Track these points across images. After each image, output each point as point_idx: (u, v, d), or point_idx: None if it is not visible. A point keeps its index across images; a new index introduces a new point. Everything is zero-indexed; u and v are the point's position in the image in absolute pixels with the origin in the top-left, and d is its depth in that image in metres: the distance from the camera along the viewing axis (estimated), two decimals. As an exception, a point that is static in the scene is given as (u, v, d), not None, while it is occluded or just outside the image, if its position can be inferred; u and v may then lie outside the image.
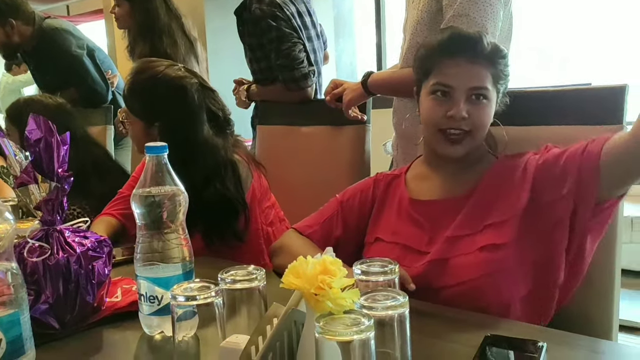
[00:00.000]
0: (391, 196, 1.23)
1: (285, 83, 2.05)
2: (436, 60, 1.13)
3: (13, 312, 0.74)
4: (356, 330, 0.60)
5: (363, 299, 0.68)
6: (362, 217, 1.24)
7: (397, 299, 0.67)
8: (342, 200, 1.28)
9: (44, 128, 0.93)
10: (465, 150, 1.11)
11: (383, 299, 0.68)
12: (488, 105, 1.11)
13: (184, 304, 0.73)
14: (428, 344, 0.82)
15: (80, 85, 2.54)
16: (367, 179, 1.31)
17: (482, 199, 1.10)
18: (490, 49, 1.10)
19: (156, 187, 0.90)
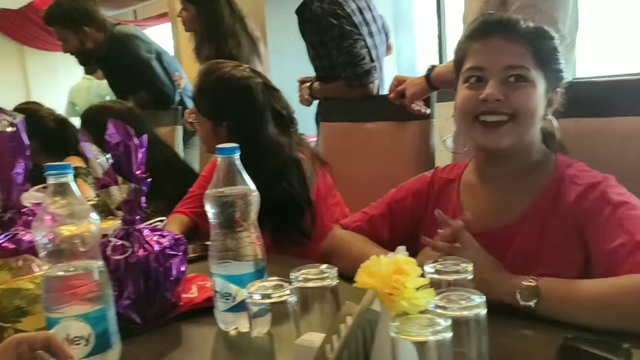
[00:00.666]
0: (444, 207, 1.12)
1: (348, 80, 2.05)
2: (469, 45, 1.04)
3: (100, 308, 0.78)
4: (432, 331, 0.59)
5: (438, 298, 0.67)
6: (413, 222, 1.17)
7: (473, 299, 0.67)
8: (391, 202, 1.22)
9: (122, 132, 0.97)
10: (509, 140, 0.99)
11: (458, 299, 0.67)
12: (530, 88, 0.99)
13: (259, 302, 0.75)
14: (502, 344, 0.80)
15: (149, 88, 2.64)
16: (421, 178, 1.22)
17: (532, 232, 1.00)
18: (531, 27, 1.00)
19: (228, 187, 0.93)
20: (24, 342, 0.64)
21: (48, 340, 0.64)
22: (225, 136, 1.49)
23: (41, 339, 0.65)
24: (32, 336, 0.65)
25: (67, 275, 0.78)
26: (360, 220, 1.23)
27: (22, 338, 0.65)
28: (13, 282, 0.87)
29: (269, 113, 1.51)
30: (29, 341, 0.64)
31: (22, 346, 0.64)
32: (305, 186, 1.51)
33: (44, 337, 0.65)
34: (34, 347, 0.64)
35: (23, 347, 0.64)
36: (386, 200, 1.23)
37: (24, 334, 0.67)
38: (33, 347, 0.64)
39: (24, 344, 0.64)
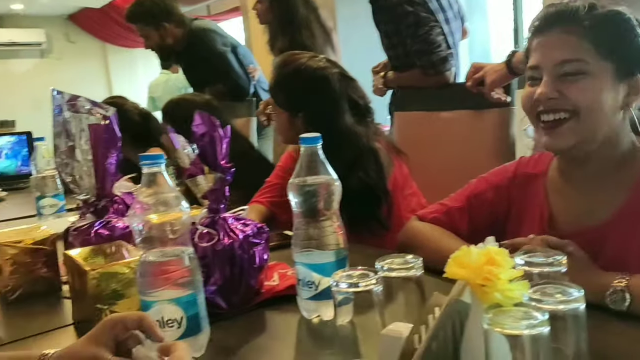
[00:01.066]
0: (530, 204, 1.09)
1: (423, 68, 2.01)
2: (531, 41, 0.99)
3: (191, 293, 0.81)
4: (528, 325, 0.58)
5: (532, 291, 0.65)
6: (494, 218, 1.13)
7: (571, 293, 0.64)
8: (470, 195, 1.17)
9: (208, 123, 1.00)
10: (570, 140, 0.94)
11: (554, 292, 0.65)
12: (589, 80, 0.92)
13: (344, 290, 0.75)
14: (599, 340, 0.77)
15: (225, 81, 2.70)
16: (503, 171, 1.17)
17: (627, 231, 0.94)
18: (594, 14, 0.92)
19: (311, 177, 0.94)
20: (118, 322, 0.67)
21: (140, 321, 0.67)
22: (301, 127, 1.50)
23: (134, 319, 0.67)
24: (126, 316, 0.68)
25: (161, 260, 0.81)
26: (438, 211, 1.21)
27: (117, 318, 0.68)
28: (110, 267, 0.92)
29: (345, 103, 1.51)
30: (123, 321, 0.67)
31: (117, 326, 0.67)
32: (382, 176, 1.50)
33: (137, 317, 0.67)
34: (128, 327, 0.67)
35: (118, 327, 0.67)
36: (465, 192, 1.19)
37: (118, 314, 0.70)
38: (127, 327, 0.67)
39: (119, 324, 0.67)
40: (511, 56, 1.56)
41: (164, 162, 0.82)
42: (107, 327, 0.67)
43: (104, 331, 0.67)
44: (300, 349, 0.89)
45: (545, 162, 1.11)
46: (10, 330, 0.99)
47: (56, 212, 1.87)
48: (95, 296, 0.90)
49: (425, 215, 1.21)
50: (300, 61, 1.53)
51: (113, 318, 0.68)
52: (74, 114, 1.16)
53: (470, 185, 1.20)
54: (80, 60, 7.72)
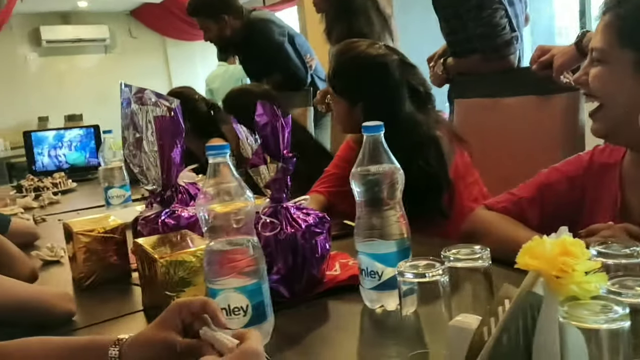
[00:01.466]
0: (604, 195, 1.04)
1: (485, 53, 1.95)
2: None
3: (256, 282, 0.82)
4: (606, 319, 0.55)
5: (610, 283, 0.62)
6: (566, 210, 1.08)
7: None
8: (542, 185, 1.13)
9: (270, 113, 1.00)
10: (600, 126, 0.96)
11: (634, 285, 0.62)
12: (603, 68, 0.92)
13: (410, 281, 0.74)
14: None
15: (283, 71, 2.72)
16: (577, 160, 1.13)
17: None
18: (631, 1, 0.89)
19: (374, 166, 0.93)
20: (184, 306, 0.69)
21: (204, 306, 0.68)
22: (360, 115, 1.49)
23: (199, 304, 0.69)
24: (191, 301, 0.70)
25: (226, 249, 0.82)
26: (507, 201, 1.17)
27: (182, 303, 0.70)
28: (177, 255, 0.94)
29: (405, 90, 1.48)
30: (188, 306, 0.69)
31: (183, 311, 0.69)
32: (443, 164, 1.47)
33: (201, 302, 0.69)
34: (192, 311, 0.68)
35: (184, 311, 0.69)
36: (536, 182, 1.15)
37: (183, 299, 0.72)
38: (191, 311, 0.69)
39: (184, 308, 0.69)
40: (581, 37, 1.49)
41: (228, 152, 0.83)
42: (174, 312, 0.69)
43: (172, 315, 0.69)
44: (364, 339, 0.88)
45: (621, 151, 1.06)
46: (85, 315, 1.03)
47: (123, 202, 1.94)
48: (164, 283, 0.93)
49: (493, 205, 1.18)
50: (359, 49, 1.52)
51: (179, 303, 0.70)
52: (141, 106, 1.20)
53: (542, 175, 1.15)
54: (141, 55, 7.97)
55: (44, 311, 0.96)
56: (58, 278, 1.29)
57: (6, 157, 6.22)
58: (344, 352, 0.83)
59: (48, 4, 6.77)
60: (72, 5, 7.12)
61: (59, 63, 7.57)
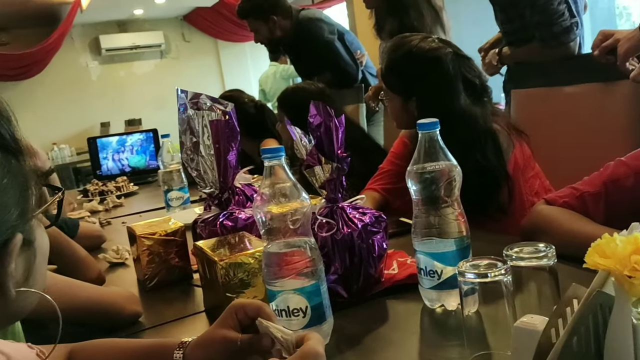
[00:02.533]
0: None
1: (544, 40, 1.88)
2: None
3: (314, 283, 0.82)
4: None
5: (688, 283, 0.58)
6: (634, 207, 1.01)
7: None
8: (607, 180, 1.07)
9: (323, 113, 1.00)
10: None
11: None
12: None
13: (471, 281, 0.73)
14: None
15: (334, 69, 2.71)
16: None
17: None
18: None
19: (430, 164, 0.91)
20: (240, 308, 0.71)
21: (259, 310, 0.70)
22: (415, 111, 1.47)
23: (254, 308, 0.70)
24: (247, 304, 0.71)
25: (284, 251, 0.83)
26: (569, 196, 1.12)
27: (238, 305, 0.71)
28: (236, 257, 0.96)
29: (460, 83, 1.45)
30: (244, 308, 0.70)
31: (239, 312, 0.70)
32: (501, 159, 1.43)
33: (257, 307, 0.70)
34: (248, 314, 0.70)
35: (240, 313, 0.70)
36: (602, 177, 1.09)
37: (240, 301, 0.73)
38: (247, 314, 0.70)
39: (240, 310, 0.70)
40: (647, 20, 1.42)
41: (284, 155, 0.84)
42: (231, 313, 0.71)
43: (230, 315, 0.71)
44: (425, 339, 0.87)
45: None
46: (151, 316, 1.07)
47: (182, 204, 1.99)
48: (224, 285, 0.94)
49: (555, 200, 1.13)
50: (411, 43, 1.49)
51: (234, 305, 0.72)
52: (197, 111, 1.22)
53: (607, 169, 1.09)
54: (195, 58, 8.16)
55: (113, 313, 1.00)
56: (124, 279, 1.34)
57: (72, 163, 6.51)
58: (405, 352, 0.82)
59: (106, 13, 7.04)
60: (129, 14, 7.37)
61: (118, 70, 7.86)
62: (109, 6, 6.57)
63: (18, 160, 0.52)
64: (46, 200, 0.56)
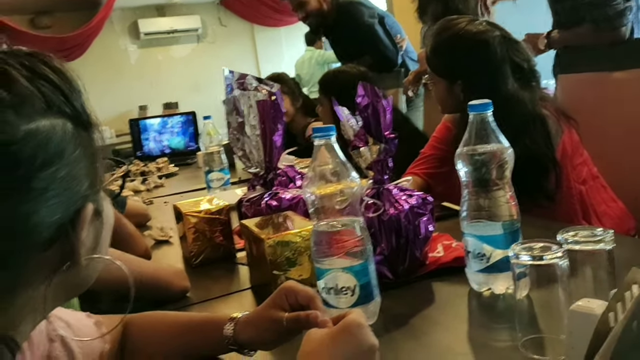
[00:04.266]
0: None
1: (595, 23, 1.83)
2: None
3: (363, 262, 0.83)
4: None
5: None
6: None
7: None
8: None
9: (371, 94, 1.00)
10: None
11: None
12: None
13: (526, 264, 0.72)
14: None
15: (373, 52, 2.69)
16: None
17: None
18: None
19: (481, 145, 0.90)
20: (292, 293, 0.71)
21: (310, 300, 0.70)
22: (460, 95, 1.45)
23: (306, 297, 0.70)
24: (300, 290, 0.71)
25: (333, 230, 0.83)
26: None
27: (291, 289, 0.71)
28: (283, 236, 0.96)
29: (507, 67, 1.42)
30: (296, 294, 0.71)
31: (291, 296, 0.71)
32: (550, 144, 1.40)
33: (309, 296, 0.70)
34: (299, 300, 0.70)
35: (292, 297, 0.71)
36: None
37: (294, 285, 0.72)
38: (297, 300, 0.70)
39: (292, 295, 0.71)
40: None
41: (334, 134, 0.84)
42: (282, 295, 0.71)
43: (280, 296, 0.71)
44: (473, 321, 0.86)
45: None
46: (198, 291, 1.09)
47: (222, 185, 2.01)
48: (272, 263, 0.95)
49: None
50: (459, 26, 1.47)
51: (287, 288, 0.72)
52: (243, 91, 1.23)
53: None
54: (231, 42, 8.19)
55: (163, 287, 1.02)
56: (169, 256, 1.36)
57: (112, 144, 6.64)
58: (454, 334, 0.82)
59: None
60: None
61: (156, 54, 7.95)
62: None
63: (88, 132, 0.53)
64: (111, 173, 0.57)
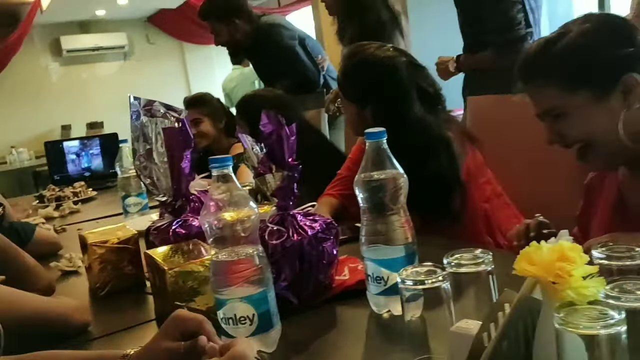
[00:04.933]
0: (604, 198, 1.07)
1: (499, 47, 1.94)
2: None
3: (262, 290, 0.84)
4: (603, 324, 0.55)
5: (609, 287, 0.62)
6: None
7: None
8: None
9: (274, 122, 1.01)
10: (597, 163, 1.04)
11: (634, 289, 0.61)
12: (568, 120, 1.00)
13: (411, 288, 0.75)
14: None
15: (295, 74, 2.73)
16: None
17: None
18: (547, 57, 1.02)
19: (377, 172, 0.93)
20: (181, 322, 0.71)
21: (201, 325, 0.70)
22: (370, 119, 1.49)
23: (195, 322, 0.71)
24: (188, 318, 0.72)
25: (231, 260, 0.83)
26: None
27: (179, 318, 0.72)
28: (186, 265, 0.96)
29: (414, 92, 1.48)
30: (185, 322, 0.71)
31: (181, 325, 0.71)
32: (455, 166, 1.46)
33: (198, 321, 0.71)
34: (189, 328, 0.71)
35: (181, 327, 0.71)
36: None
37: (182, 313, 0.73)
38: (189, 328, 0.71)
39: (182, 324, 0.71)
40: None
41: (231, 164, 0.84)
42: (173, 323, 0.72)
43: (171, 326, 0.72)
44: (370, 344, 0.89)
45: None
46: (101, 325, 1.06)
47: (140, 210, 1.97)
48: (174, 293, 0.95)
49: None
50: (367, 51, 1.52)
51: (176, 317, 0.72)
52: (150, 118, 1.22)
53: None
54: (160, 60, 8.06)
55: (61, 323, 0.99)
56: (76, 288, 1.32)
57: (31, 167, 6.35)
58: (349, 357, 0.84)
59: (67, 14, 6.90)
60: (91, 14, 7.24)
61: (80, 72, 7.71)
62: (70, 7, 6.44)
63: None
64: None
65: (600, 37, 0.98)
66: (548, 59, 1.01)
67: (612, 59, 0.97)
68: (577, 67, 0.98)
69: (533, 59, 1.04)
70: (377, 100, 1.48)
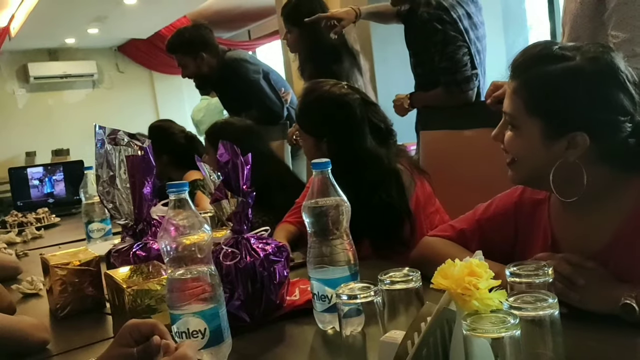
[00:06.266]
0: (535, 229, 1.12)
1: (448, 86, 2.08)
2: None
3: (214, 307, 0.90)
4: (503, 328, 0.64)
5: (512, 299, 0.71)
6: (504, 241, 1.16)
7: (547, 300, 0.70)
8: (481, 219, 1.21)
9: (231, 152, 1.10)
10: (515, 176, 1.08)
11: (534, 300, 0.71)
12: (514, 133, 1.03)
13: (347, 302, 0.83)
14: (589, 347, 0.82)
15: (260, 106, 2.83)
16: (510, 195, 1.20)
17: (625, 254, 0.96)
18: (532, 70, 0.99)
19: (322, 199, 1.02)
20: (134, 328, 0.77)
21: (153, 327, 0.77)
22: (326, 151, 1.59)
23: (148, 326, 0.77)
24: (142, 323, 0.78)
25: (186, 278, 0.90)
26: (449, 231, 1.25)
27: (132, 326, 0.77)
28: (144, 284, 1.02)
29: (367, 127, 1.58)
30: (137, 327, 0.77)
31: (134, 332, 0.77)
32: (404, 196, 1.56)
33: (151, 325, 0.77)
34: (142, 332, 0.76)
35: (135, 333, 0.77)
36: (476, 216, 1.23)
37: (134, 321, 0.79)
38: (141, 332, 0.76)
39: (135, 330, 0.77)
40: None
41: (187, 189, 0.92)
42: (126, 332, 0.77)
43: (124, 335, 0.77)
44: (313, 356, 0.96)
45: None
46: (60, 343, 1.10)
47: (103, 236, 2.01)
48: (132, 311, 1.00)
49: (439, 235, 1.26)
50: (323, 89, 1.63)
51: (129, 325, 0.78)
52: (114, 146, 1.29)
53: (480, 209, 1.24)
54: (129, 89, 8.10)
55: (18, 340, 1.03)
56: (37, 309, 1.36)
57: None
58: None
59: (36, 41, 6.91)
60: (60, 42, 7.26)
61: (47, 98, 7.69)
62: (40, 34, 6.46)
63: None
64: None
65: (586, 86, 0.94)
66: (535, 71, 0.99)
67: (580, 113, 0.95)
68: (547, 99, 0.97)
69: (529, 61, 1.00)
70: (332, 133, 1.58)
